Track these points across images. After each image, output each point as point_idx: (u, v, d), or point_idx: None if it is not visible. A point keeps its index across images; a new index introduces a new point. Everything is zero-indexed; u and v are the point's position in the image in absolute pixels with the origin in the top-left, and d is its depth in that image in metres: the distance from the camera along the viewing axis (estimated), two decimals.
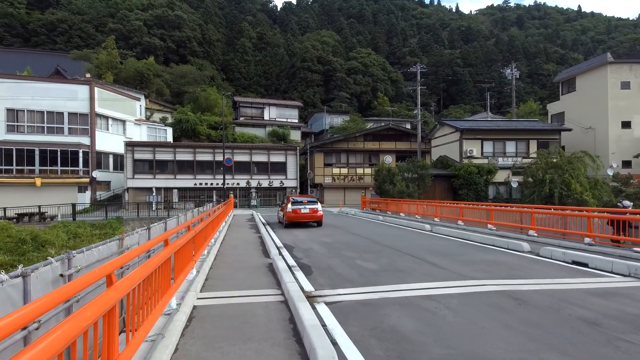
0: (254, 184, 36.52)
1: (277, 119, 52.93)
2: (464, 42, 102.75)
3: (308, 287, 6.42)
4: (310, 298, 5.60)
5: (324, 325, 4.43)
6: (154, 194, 32.46)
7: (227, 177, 34.88)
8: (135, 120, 38.25)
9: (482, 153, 30.11)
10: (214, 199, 32.90)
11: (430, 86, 76.76)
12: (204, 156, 35.33)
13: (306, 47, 75.94)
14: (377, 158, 40.15)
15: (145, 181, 33.09)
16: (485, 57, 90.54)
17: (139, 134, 38.07)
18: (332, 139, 42.04)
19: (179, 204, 31.93)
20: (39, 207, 24.98)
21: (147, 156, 33.62)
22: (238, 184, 36.07)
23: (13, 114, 30.28)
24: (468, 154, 29.72)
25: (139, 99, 40.39)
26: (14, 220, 23.07)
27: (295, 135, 50.72)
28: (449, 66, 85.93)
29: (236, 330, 4.46)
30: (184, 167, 34.51)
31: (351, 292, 6.11)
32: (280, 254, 9.58)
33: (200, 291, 6.25)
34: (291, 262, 8.59)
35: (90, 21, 65.94)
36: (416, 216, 19.93)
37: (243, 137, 45.29)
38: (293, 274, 7.30)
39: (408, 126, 50.37)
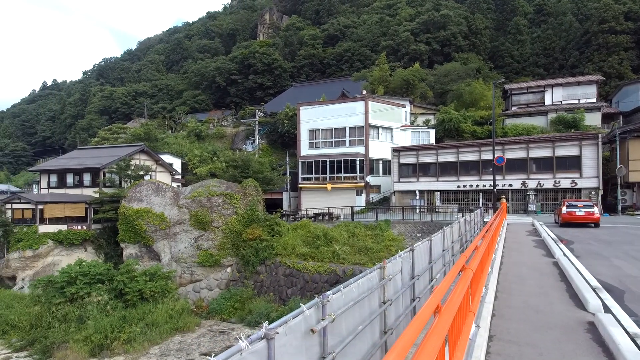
0: (531, 184, 30.43)
1: (563, 102, 42.55)
2: None
3: None
4: None
5: None
6: (417, 197, 32.94)
7: (496, 177, 30.73)
8: (401, 126, 40.36)
9: None
10: (480, 203, 29.68)
11: None
12: (469, 156, 32.63)
13: (607, 4, 57.70)
14: None
15: (409, 184, 34.10)
16: None
17: (404, 139, 39.88)
18: None
19: (441, 207, 30.88)
20: (328, 208, 30.34)
21: (411, 160, 34.56)
22: (510, 185, 31.07)
23: (312, 133, 38.62)
24: None
25: (404, 106, 42.47)
26: (312, 218, 28.98)
27: (593, 120, 38.90)
28: None
29: None
30: (446, 169, 33.17)
31: None
32: (606, 309, 5.88)
33: None
34: (635, 330, 4.94)
35: (367, 45, 76.15)
36: None
37: (516, 130, 39.00)
38: None
39: None
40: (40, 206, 29.22)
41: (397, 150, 35.24)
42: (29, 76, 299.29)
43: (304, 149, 38.53)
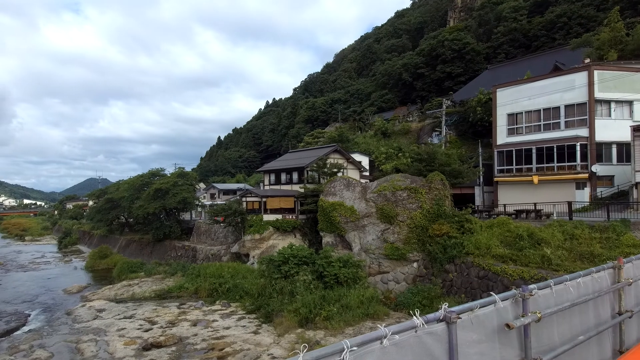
0: None
1: None
2: None
3: None
4: None
5: None
6: None
7: None
8: None
9: None
10: None
11: None
12: None
13: None
14: None
15: None
16: None
17: None
18: None
19: None
20: (535, 204, 25.35)
21: None
22: None
23: (513, 118, 33.21)
24: None
25: None
26: (512, 216, 24.84)
27: None
28: None
29: None
30: None
31: None
32: None
33: None
34: None
35: (590, 4, 60.52)
36: None
37: None
38: None
39: None
40: (264, 199, 35.99)
41: (639, 129, 26.19)
42: (259, 99, 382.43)
43: (501, 137, 33.55)
